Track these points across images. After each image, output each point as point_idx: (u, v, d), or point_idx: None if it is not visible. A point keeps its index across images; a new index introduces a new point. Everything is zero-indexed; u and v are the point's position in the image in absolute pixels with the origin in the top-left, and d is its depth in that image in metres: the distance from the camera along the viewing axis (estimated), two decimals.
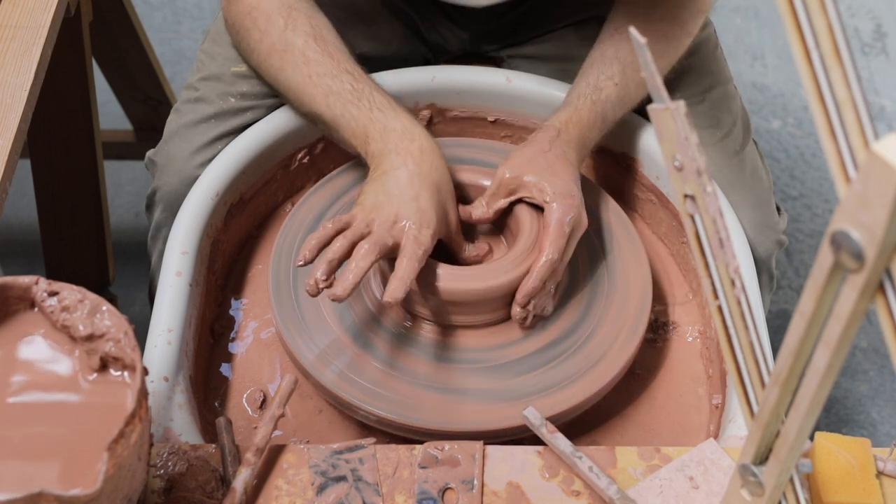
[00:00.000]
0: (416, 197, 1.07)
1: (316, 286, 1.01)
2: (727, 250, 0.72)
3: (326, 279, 1.01)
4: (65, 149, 1.63)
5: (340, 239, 1.04)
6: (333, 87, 1.16)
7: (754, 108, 2.34)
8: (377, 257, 1.03)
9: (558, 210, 1.09)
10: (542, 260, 1.07)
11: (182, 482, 0.91)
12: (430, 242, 1.06)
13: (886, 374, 1.94)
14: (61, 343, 0.87)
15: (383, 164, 1.10)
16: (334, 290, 1.01)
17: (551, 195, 1.10)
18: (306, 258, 1.03)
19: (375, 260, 1.03)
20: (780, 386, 0.74)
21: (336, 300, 1.00)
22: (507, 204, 1.14)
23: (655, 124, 0.71)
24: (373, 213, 1.06)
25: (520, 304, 1.08)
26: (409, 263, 1.03)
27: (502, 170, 1.13)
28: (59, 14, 1.25)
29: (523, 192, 1.12)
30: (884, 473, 0.92)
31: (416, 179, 1.08)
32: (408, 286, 1.02)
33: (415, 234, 1.05)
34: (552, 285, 1.10)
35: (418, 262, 1.04)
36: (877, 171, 0.58)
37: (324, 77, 1.16)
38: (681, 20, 1.22)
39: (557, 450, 0.94)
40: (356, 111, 1.14)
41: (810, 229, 2.14)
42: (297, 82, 1.18)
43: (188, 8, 2.49)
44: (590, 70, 1.21)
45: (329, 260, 1.02)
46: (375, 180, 1.10)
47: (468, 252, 1.15)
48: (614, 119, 1.21)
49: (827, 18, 0.60)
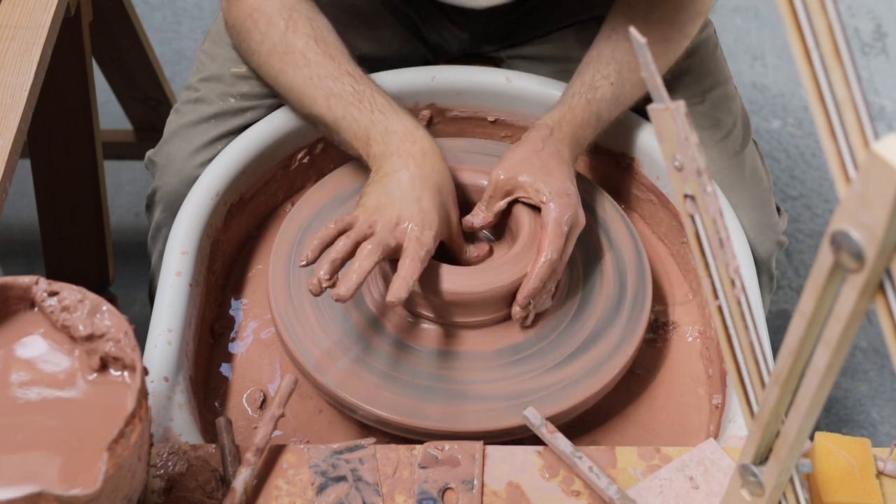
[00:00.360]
0: (418, 199, 1.07)
1: (319, 285, 1.02)
2: (727, 250, 0.72)
3: (330, 278, 1.02)
4: (65, 149, 1.63)
5: (344, 239, 1.04)
6: (334, 89, 1.16)
7: (754, 108, 2.34)
8: (380, 258, 1.03)
9: (555, 210, 1.09)
10: (542, 260, 1.07)
11: (182, 482, 0.91)
12: (433, 243, 1.06)
13: (886, 374, 1.94)
14: (61, 343, 0.87)
15: (385, 166, 1.10)
16: (338, 289, 1.01)
17: (547, 195, 1.10)
18: (308, 258, 1.03)
19: (379, 260, 1.03)
20: (780, 386, 0.74)
21: (340, 300, 1.00)
22: (505, 205, 1.14)
23: (655, 124, 0.71)
24: (375, 215, 1.06)
25: (520, 304, 1.08)
26: (411, 263, 1.03)
27: (496, 171, 1.13)
28: (59, 14, 1.25)
29: (519, 192, 1.12)
30: (884, 473, 0.92)
31: (417, 181, 1.08)
32: (410, 286, 1.02)
33: (417, 235, 1.05)
34: (552, 284, 1.10)
35: (421, 262, 1.04)
36: (877, 171, 0.58)
37: (325, 79, 1.16)
38: (679, 22, 1.22)
39: (557, 450, 0.94)
40: (357, 113, 1.14)
41: (810, 229, 2.14)
42: (297, 84, 1.18)
43: (188, 8, 2.49)
44: (585, 69, 1.22)
45: (332, 259, 1.02)
46: (377, 182, 1.10)
47: (469, 253, 1.15)
48: (609, 118, 1.21)
49: (827, 18, 0.60)
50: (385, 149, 1.11)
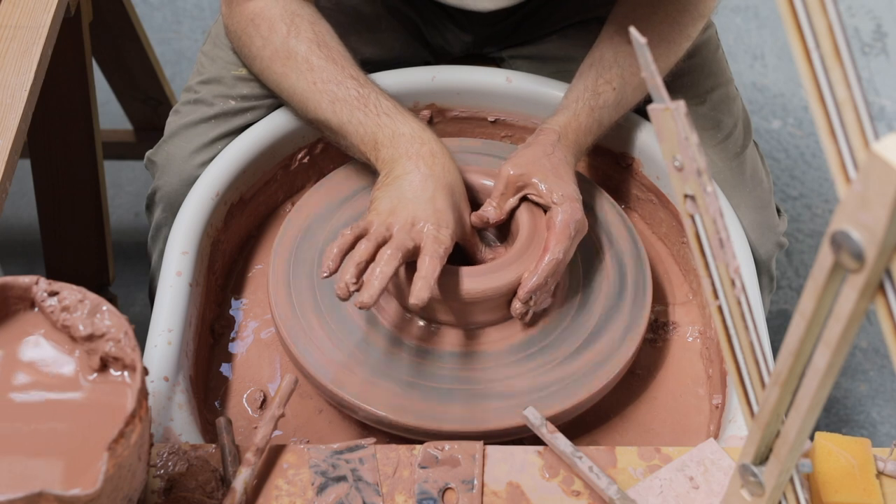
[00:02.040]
0: (431, 199, 1.07)
1: (347, 289, 1.01)
2: (727, 250, 0.72)
3: (356, 282, 1.01)
4: (65, 149, 1.63)
5: (364, 242, 1.03)
6: (339, 94, 1.16)
7: (754, 108, 2.34)
8: (401, 262, 1.03)
9: (565, 213, 1.09)
10: (547, 258, 1.08)
11: (182, 482, 0.91)
12: (450, 241, 1.06)
13: (886, 374, 1.94)
14: (61, 343, 0.87)
15: (395, 169, 1.10)
16: (361, 297, 1.00)
17: (559, 197, 1.10)
18: (331, 268, 1.03)
19: (399, 264, 1.03)
20: (780, 386, 0.74)
21: (363, 307, 1.00)
22: (517, 202, 1.14)
23: (655, 124, 0.71)
24: (390, 218, 1.06)
25: (521, 299, 1.08)
26: (431, 261, 1.03)
27: (506, 168, 1.13)
28: (59, 14, 1.25)
29: (530, 190, 1.12)
30: (884, 473, 0.92)
31: (429, 182, 1.08)
32: (432, 285, 1.02)
33: (434, 233, 1.05)
34: (553, 283, 1.10)
35: (440, 260, 1.04)
36: (877, 171, 0.58)
37: (329, 83, 1.16)
38: (681, 24, 1.22)
39: (557, 450, 0.94)
40: (363, 117, 1.14)
41: (810, 229, 2.14)
42: (301, 89, 1.18)
43: (188, 8, 2.49)
44: (588, 72, 1.22)
45: (357, 263, 1.02)
46: (388, 185, 1.10)
47: (484, 254, 1.15)
48: (610, 123, 1.22)
49: (827, 18, 0.60)
50: (394, 152, 1.11)
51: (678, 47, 1.23)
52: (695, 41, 1.25)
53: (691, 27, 1.23)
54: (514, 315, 1.10)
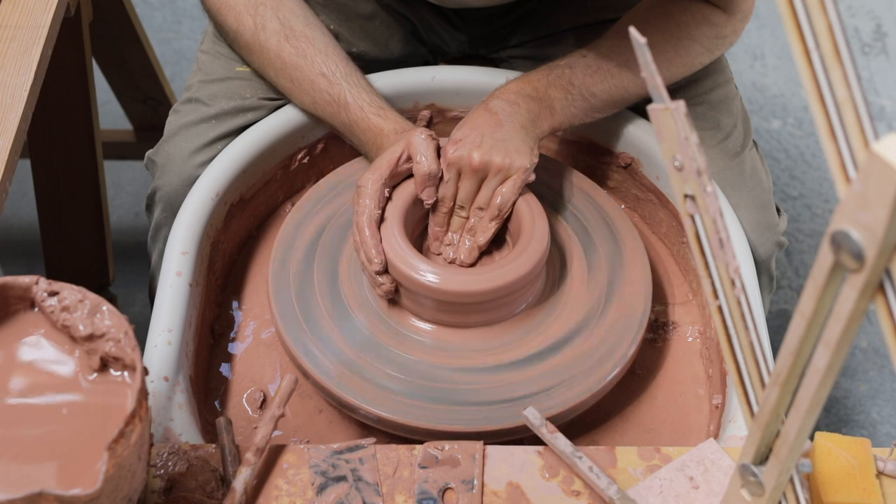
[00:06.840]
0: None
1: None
2: (727, 250, 0.72)
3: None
4: (65, 149, 1.63)
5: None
6: (316, 98, 1.21)
7: (754, 108, 2.34)
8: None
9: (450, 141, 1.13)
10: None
11: (182, 482, 0.91)
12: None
13: (886, 374, 1.94)
14: (61, 343, 0.87)
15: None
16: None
17: (459, 133, 1.14)
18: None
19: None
20: (780, 386, 0.74)
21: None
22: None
23: (655, 124, 0.71)
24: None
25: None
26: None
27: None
28: (59, 14, 1.25)
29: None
30: (884, 473, 0.92)
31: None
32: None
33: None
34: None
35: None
36: (877, 171, 0.58)
37: (303, 83, 1.21)
38: (693, 37, 1.21)
39: (557, 450, 0.94)
40: (342, 118, 1.20)
41: (810, 229, 2.14)
42: (282, 86, 1.23)
43: (188, 8, 2.49)
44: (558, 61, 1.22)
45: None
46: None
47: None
48: (585, 85, 1.20)
49: (827, 18, 0.60)
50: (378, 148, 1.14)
51: (686, 52, 1.22)
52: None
53: (708, 42, 1.22)
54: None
